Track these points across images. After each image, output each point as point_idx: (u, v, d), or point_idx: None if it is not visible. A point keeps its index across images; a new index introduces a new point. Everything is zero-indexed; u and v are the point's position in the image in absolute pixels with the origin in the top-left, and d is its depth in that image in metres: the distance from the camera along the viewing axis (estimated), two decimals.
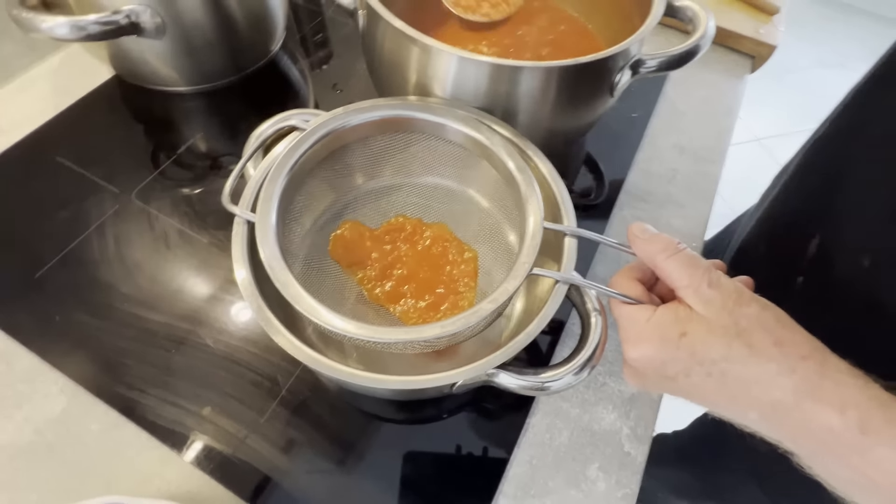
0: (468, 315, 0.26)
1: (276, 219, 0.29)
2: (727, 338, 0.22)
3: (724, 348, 0.22)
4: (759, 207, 0.45)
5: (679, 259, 0.24)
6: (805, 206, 0.36)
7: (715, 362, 0.22)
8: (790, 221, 0.37)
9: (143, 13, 0.40)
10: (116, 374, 0.34)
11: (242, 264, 0.29)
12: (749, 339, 0.22)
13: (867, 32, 1.95)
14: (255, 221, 0.29)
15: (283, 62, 0.54)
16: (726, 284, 0.23)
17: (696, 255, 0.24)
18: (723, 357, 0.22)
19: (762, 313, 0.22)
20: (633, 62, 0.37)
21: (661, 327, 0.23)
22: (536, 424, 0.35)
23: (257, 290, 0.28)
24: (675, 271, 0.24)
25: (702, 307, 0.23)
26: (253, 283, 0.28)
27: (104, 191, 0.43)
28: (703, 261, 0.24)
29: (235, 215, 0.30)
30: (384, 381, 0.26)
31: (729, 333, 0.22)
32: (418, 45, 0.36)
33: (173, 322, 0.37)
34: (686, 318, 0.23)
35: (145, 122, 0.48)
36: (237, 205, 0.30)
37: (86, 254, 0.39)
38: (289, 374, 0.35)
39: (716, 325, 0.22)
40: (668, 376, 0.24)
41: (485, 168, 0.34)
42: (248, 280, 0.28)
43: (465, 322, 0.26)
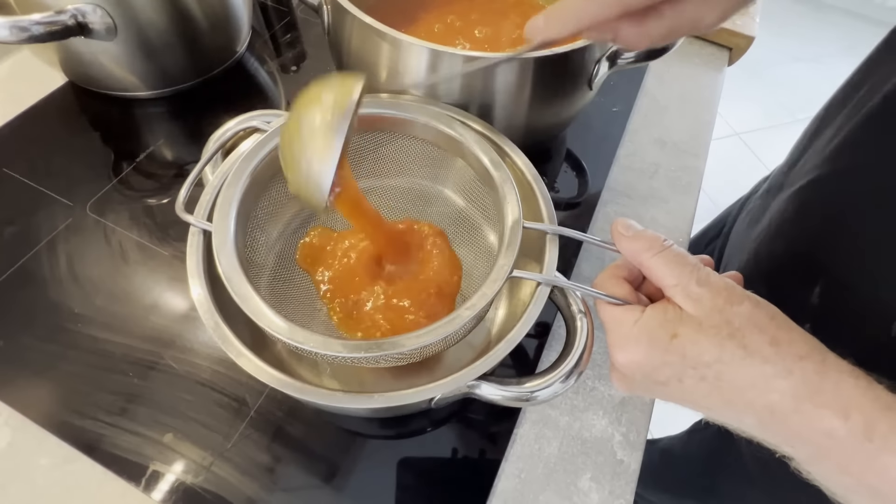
0: (445, 324, 0.24)
1: (235, 227, 0.27)
2: (719, 338, 0.21)
3: (717, 350, 0.21)
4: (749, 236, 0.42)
5: (665, 257, 0.23)
6: (805, 250, 0.34)
7: (708, 365, 0.21)
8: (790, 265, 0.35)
9: (90, 13, 0.37)
10: (68, 403, 0.32)
11: (198, 279, 0.26)
12: (743, 339, 0.21)
13: (839, 28, 1.99)
14: (211, 231, 0.27)
15: (251, 64, 0.52)
16: (716, 282, 0.22)
17: (683, 252, 0.23)
18: (716, 359, 0.21)
19: (755, 311, 0.21)
20: (611, 53, 0.36)
21: (649, 329, 0.22)
22: (524, 435, 0.33)
23: (214, 306, 0.25)
24: (662, 269, 0.23)
25: (691, 307, 0.22)
26: (210, 298, 0.26)
27: (56, 203, 0.40)
28: (691, 258, 0.23)
29: (191, 225, 0.27)
30: (354, 400, 0.24)
31: (721, 334, 0.21)
32: (387, 39, 0.34)
33: (132, 343, 0.34)
34: (676, 318, 0.22)
35: (102, 129, 0.45)
36: (192, 213, 0.28)
37: (35, 272, 0.36)
38: (258, 394, 0.33)
39: (707, 325, 0.21)
40: (658, 381, 0.23)
41: (460, 166, 0.32)
42: (204, 295, 0.26)
43: (441, 332, 0.24)
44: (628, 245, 0.24)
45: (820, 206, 0.34)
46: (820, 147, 0.36)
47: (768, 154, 1.61)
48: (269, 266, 0.32)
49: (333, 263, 0.33)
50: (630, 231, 0.24)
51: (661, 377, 0.22)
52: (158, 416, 0.31)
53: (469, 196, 0.34)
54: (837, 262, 0.31)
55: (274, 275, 0.32)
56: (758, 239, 0.40)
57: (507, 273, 0.26)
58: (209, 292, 0.26)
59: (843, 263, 0.31)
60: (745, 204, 0.54)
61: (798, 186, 0.36)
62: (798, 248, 0.35)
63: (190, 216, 0.27)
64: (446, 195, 0.36)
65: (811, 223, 0.35)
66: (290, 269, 0.33)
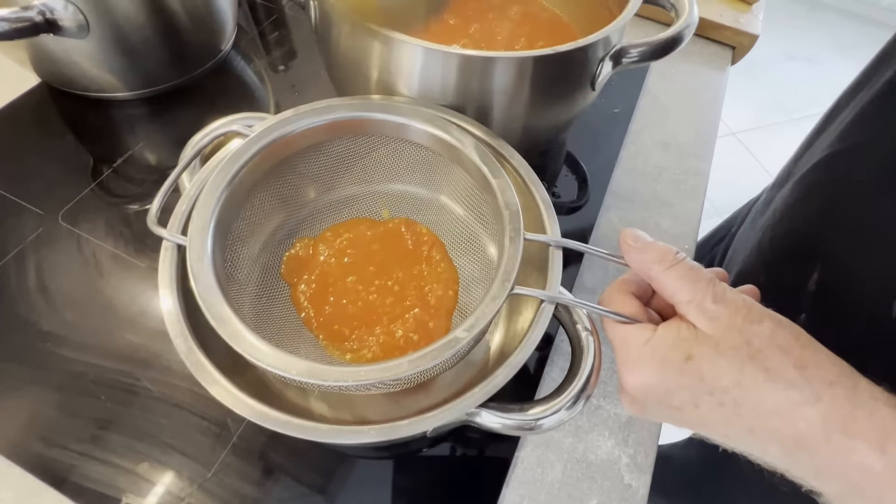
0: (440, 347, 0.22)
1: (212, 241, 0.25)
2: (739, 360, 0.19)
3: (737, 372, 0.19)
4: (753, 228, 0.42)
5: (678, 271, 0.21)
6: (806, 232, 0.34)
7: (727, 390, 0.19)
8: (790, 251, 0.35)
9: (60, 9, 0.35)
10: (34, 430, 0.29)
11: (172, 298, 0.24)
12: (764, 361, 0.19)
13: (834, 28, 1.99)
14: (185, 245, 0.24)
15: (237, 63, 0.49)
16: (733, 298, 0.20)
17: (697, 266, 0.21)
18: (735, 383, 0.19)
19: (777, 331, 0.20)
20: (615, 52, 0.34)
21: (662, 350, 0.20)
22: (526, 458, 0.31)
23: (188, 329, 0.23)
24: (675, 284, 0.21)
25: (707, 325, 0.20)
26: (184, 320, 0.24)
27: (25, 212, 0.37)
28: (706, 272, 0.21)
29: (164, 239, 0.25)
30: (342, 435, 0.22)
31: (740, 355, 0.19)
32: (379, 37, 0.32)
33: (105, 363, 0.32)
34: (690, 338, 0.20)
35: (77, 133, 0.43)
36: (166, 226, 0.26)
37: (1, 286, 0.34)
38: (240, 418, 0.30)
39: (725, 345, 0.19)
40: (673, 406, 0.21)
41: (457, 173, 0.30)
42: (177, 315, 0.24)
43: (436, 355, 0.22)
44: (638, 257, 0.22)
45: (822, 188, 0.34)
46: (826, 137, 0.35)
47: (765, 153, 1.60)
48: (252, 282, 0.30)
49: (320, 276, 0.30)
50: (639, 242, 0.22)
51: (676, 402, 0.21)
52: (133, 443, 0.29)
53: (466, 204, 0.32)
54: (837, 244, 0.31)
55: (258, 291, 0.30)
56: (762, 229, 0.40)
57: (509, 290, 0.24)
58: (183, 312, 0.24)
59: (843, 244, 0.30)
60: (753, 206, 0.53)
61: (801, 174, 0.36)
62: (799, 231, 0.35)
63: (163, 229, 0.25)
64: (442, 202, 0.34)
65: (812, 207, 0.34)
66: (276, 284, 0.31)
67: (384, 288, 0.30)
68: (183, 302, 0.24)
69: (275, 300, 0.30)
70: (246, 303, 0.29)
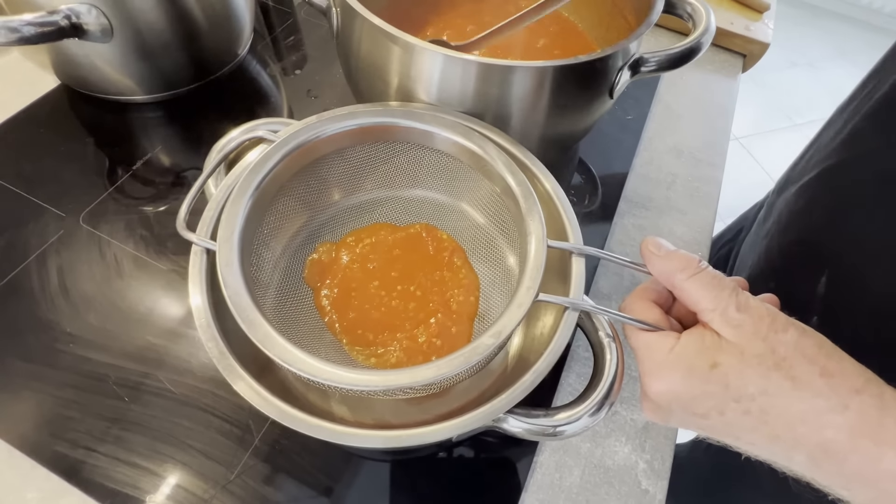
0: (468, 352, 0.23)
1: (239, 245, 0.25)
2: (764, 368, 0.19)
3: (763, 381, 0.19)
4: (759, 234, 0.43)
5: (702, 279, 0.21)
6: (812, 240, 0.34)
7: (753, 397, 0.20)
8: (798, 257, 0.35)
9: (85, 13, 0.35)
10: (58, 431, 0.29)
11: (202, 300, 0.24)
12: (791, 370, 0.19)
13: (834, 33, 2.00)
14: (215, 250, 0.25)
15: (252, 67, 0.50)
16: (756, 307, 0.21)
17: (719, 275, 0.22)
18: (761, 391, 0.19)
19: (802, 339, 0.20)
20: (633, 61, 0.35)
21: (686, 357, 0.21)
22: (544, 463, 0.31)
23: (219, 333, 0.23)
24: (698, 293, 0.21)
25: (731, 333, 0.20)
26: (214, 323, 0.24)
27: (47, 214, 0.38)
28: (728, 280, 0.22)
29: (193, 244, 0.26)
30: (366, 438, 0.22)
31: (766, 363, 0.19)
32: (400, 44, 0.32)
33: (127, 365, 0.32)
34: (715, 346, 0.20)
35: (96, 135, 0.43)
36: (195, 231, 0.26)
37: (24, 288, 0.34)
38: (262, 420, 0.31)
39: (750, 354, 0.20)
40: (697, 413, 0.21)
41: (478, 180, 0.31)
42: (207, 320, 0.24)
43: (462, 362, 0.22)
44: (661, 265, 0.23)
45: (826, 195, 0.34)
46: (826, 141, 0.36)
47: (767, 158, 1.61)
48: (273, 284, 0.31)
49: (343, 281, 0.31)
50: (661, 250, 0.23)
51: (701, 409, 0.21)
52: (156, 444, 0.29)
53: (487, 211, 0.33)
54: (843, 252, 0.31)
55: (279, 293, 0.30)
56: (768, 236, 0.40)
57: (534, 297, 0.24)
58: (213, 316, 0.24)
59: (848, 252, 0.31)
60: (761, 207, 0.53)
61: (805, 180, 0.36)
62: (805, 239, 0.35)
63: (192, 234, 0.25)
64: (462, 208, 0.34)
65: (818, 213, 0.34)
66: (297, 287, 0.31)
67: (406, 293, 0.30)
68: (212, 304, 0.24)
69: (297, 303, 0.31)
70: (268, 305, 0.29)
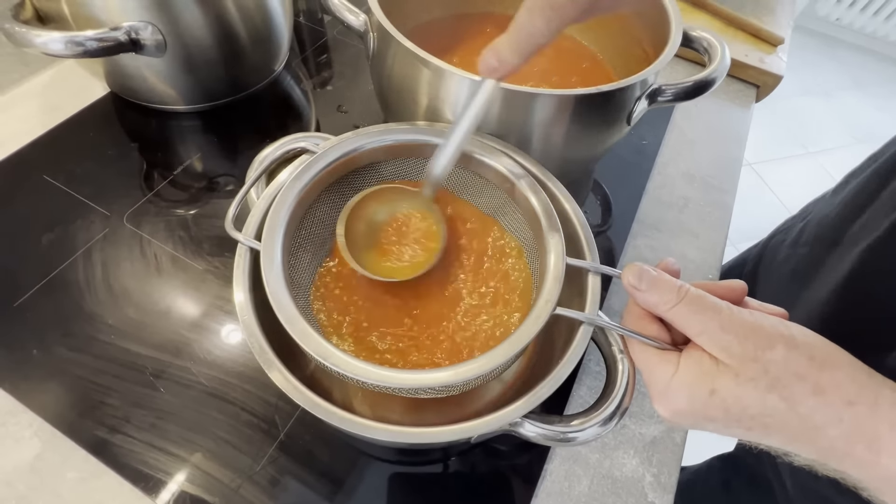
0: (485, 360, 0.24)
1: (281, 247, 0.27)
2: (758, 392, 0.20)
3: (759, 404, 0.20)
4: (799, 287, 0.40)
5: (685, 307, 0.22)
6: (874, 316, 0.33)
7: (753, 417, 0.20)
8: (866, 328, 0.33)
9: (143, 30, 0.38)
10: (98, 416, 0.31)
11: (244, 294, 0.26)
12: (783, 390, 0.20)
13: (848, 63, 2.02)
14: (259, 250, 0.27)
15: (286, 82, 0.53)
16: (740, 323, 0.21)
17: (701, 295, 0.22)
18: (760, 413, 0.20)
19: (790, 355, 0.20)
20: (651, 91, 0.37)
21: (687, 385, 0.21)
22: (554, 471, 0.33)
23: (260, 330, 0.25)
24: (682, 321, 0.22)
25: (722, 355, 0.21)
26: (256, 320, 0.26)
27: (94, 213, 0.40)
28: (710, 299, 0.22)
29: (239, 242, 0.28)
30: (389, 433, 0.24)
31: (759, 387, 0.20)
32: (430, 67, 0.34)
33: (163, 357, 0.34)
34: (712, 371, 0.21)
35: (140, 141, 0.46)
36: (241, 231, 0.28)
37: (71, 281, 0.37)
38: (288, 416, 0.32)
39: (744, 377, 0.20)
40: (706, 426, 0.22)
41: (502, 197, 0.33)
42: (251, 318, 0.26)
43: (481, 367, 0.24)
44: (644, 299, 0.23)
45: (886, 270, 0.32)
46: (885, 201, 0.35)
47: (778, 183, 1.62)
48: (304, 286, 0.32)
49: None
50: (642, 283, 0.23)
51: (709, 426, 0.22)
52: (187, 433, 0.31)
53: (509, 226, 0.34)
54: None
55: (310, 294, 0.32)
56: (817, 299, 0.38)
57: (551, 311, 0.26)
58: (255, 311, 0.26)
59: None
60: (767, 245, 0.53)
61: (868, 244, 0.34)
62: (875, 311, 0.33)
63: (239, 233, 0.28)
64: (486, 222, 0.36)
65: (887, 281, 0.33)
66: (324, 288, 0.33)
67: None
68: (253, 300, 0.26)
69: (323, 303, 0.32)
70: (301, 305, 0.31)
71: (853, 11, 1.96)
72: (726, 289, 0.23)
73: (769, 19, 0.62)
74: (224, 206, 0.42)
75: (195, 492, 0.29)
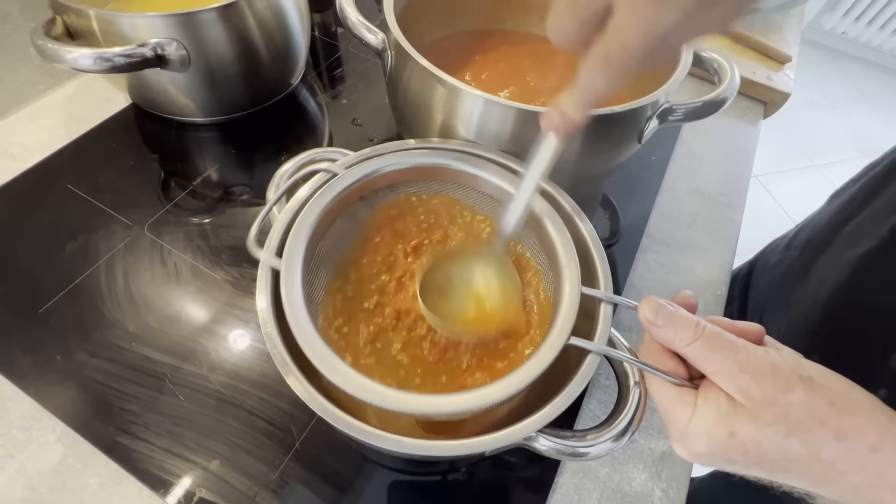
0: (499, 388, 0.25)
1: (302, 266, 0.28)
2: (779, 437, 0.20)
3: (780, 448, 0.20)
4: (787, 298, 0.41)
5: (701, 345, 0.21)
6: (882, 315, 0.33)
7: (774, 461, 0.20)
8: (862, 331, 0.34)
9: (168, 46, 0.39)
10: (118, 422, 0.32)
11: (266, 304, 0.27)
12: (804, 436, 0.19)
13: (855, 76, 2.03)
14: (279, 268, 0.28)
15: (302, 95, 0.54)
16: (758, 364, 0.20)
17: (718, 333, 0.22)
18: (781, 457, 0.20)
19: (810, 398, 0.20)
20: (662, 111, 0.37)
21: (705, 429, 0.21)
22: (565, 484, 0.33)
23: (282, 342, 0.26)
24: (699, 358, 0.22)
25: (740, 397, 0.20)
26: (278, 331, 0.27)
27: (115, 222, 0.41)
28: (726, 339, 0.21)
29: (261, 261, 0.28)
30: (405, 445, 0.24)
31: (780, 432, 0.20)
32: (446, 86, 0.35)
33: (182, 365, 0.35)
34: (730, 413, 0.20)
35: (160, 151, 0.47)
36: (262, 247, 0.29)
37: (93, 288, 0.38)
38: (303, 425, 0.33)
39: (763, 421, 0.20)
40: (726, 468, 0.22)
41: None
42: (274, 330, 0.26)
43: (495, 395, 0.25)
44: (660, 335, 0.23)
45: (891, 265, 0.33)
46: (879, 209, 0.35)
47: (784, 196, 1.62)
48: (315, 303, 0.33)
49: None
50: (659, 319, 0.23)
51: (729, 467, 0.22)
52: (205, 440, 0.32)
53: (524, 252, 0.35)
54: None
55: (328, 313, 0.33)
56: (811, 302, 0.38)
57: (565, 340, 0.26)
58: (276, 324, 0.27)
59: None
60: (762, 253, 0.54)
61: (864, 250, 0.35)
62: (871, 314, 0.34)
63: (261, 251, 0.28)
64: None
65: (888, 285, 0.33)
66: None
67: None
68: (275, 314, 0.27)
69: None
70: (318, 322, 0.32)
71: (859, 25, 1.96)
72: (743, 330, 0.23)
73: (777, 37, 0.62)
74: (241, 216, 0.44)
75: (213, 498, 0.30)
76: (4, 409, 0.32)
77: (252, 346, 0.36)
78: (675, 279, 0.44)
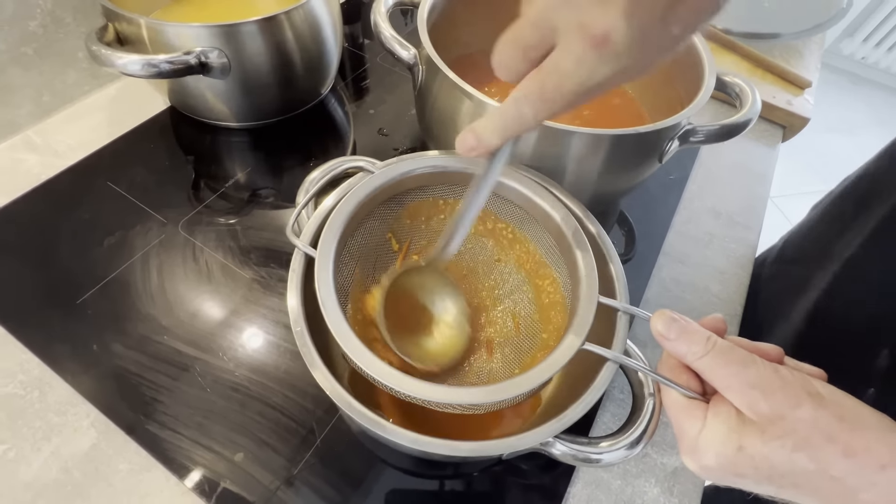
0: (515, 384, 0.26)
1: (334, 255, 0.29)
2: (786, 452, 0.20)
3: (787, 464, 0.20)
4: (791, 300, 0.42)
5: (712, 359, 0.22)
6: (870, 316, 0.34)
7: (783, 476, 0.20)
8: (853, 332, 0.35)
9: (211, 54, 0.41)
10: (149, 412, 0.34)
11: (295, 294, 0.28)
12: (812, 452, 0.19)
13: (872, 101, 2.01)
14: (315, 256, 0.29)
15: (331, 104, 0.56)
16: (767, 380, 0.21)
17: (730, 348, 0.22)
18: (789, 472, 0.20)
19: (819, 414, 0.20)
20: (683, 133, 0.38)
21: (714, 443, 0.21)
22: (577, 494, 0.34)
23: (310, 339, 0.27)
24: (709, 372, 0.22)
25: (749, 411, 0.21)
26: (307, 333, 0.28)
27: (151, 219, 0.43)
28: (737, 354, 0.22)
29: (296, 248, 0.30)
30: (423, 443, 0.25)
31: (787, 447, 0.20)
32: (473, 100, 0.37)
33: (211, 360, 0.36)
34: (739, 428, 0.21)
35: (194, 153, 0.49)
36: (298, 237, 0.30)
37: (129, 282, 0.39)
38: (324, 424, 0.34)
39: (770, 435, 0.20)
40: (737, 483, 0.22)
41: (539, 229, 0.34)
42: (303, 328, 0.28)
43: (510, 391, 0.26)
44: (672, 348, 0.23)
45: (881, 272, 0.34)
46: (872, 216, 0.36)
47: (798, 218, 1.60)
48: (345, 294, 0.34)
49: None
50: (671, 332, 0.23)
51: (739, 482, 0.22)
52: (231, 434, 0.33)
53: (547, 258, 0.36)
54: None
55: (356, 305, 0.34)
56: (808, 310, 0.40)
57: (580, 345, 0.27)
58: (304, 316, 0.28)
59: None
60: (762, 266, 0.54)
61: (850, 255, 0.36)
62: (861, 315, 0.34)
63: (297, 239, 0.30)
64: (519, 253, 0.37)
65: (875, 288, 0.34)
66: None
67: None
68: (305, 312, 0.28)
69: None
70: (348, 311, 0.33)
71: (879, 51, 1.96)
72: (764, 351, 0.23)
73: (797, 62, 0.63)
74: (269, 218, 0.45)
75: (237, 490, 0.31)
76: (43, 392, 0.34)
77: (278, 343, 0.37)
78: (690, 297, 0.44)
